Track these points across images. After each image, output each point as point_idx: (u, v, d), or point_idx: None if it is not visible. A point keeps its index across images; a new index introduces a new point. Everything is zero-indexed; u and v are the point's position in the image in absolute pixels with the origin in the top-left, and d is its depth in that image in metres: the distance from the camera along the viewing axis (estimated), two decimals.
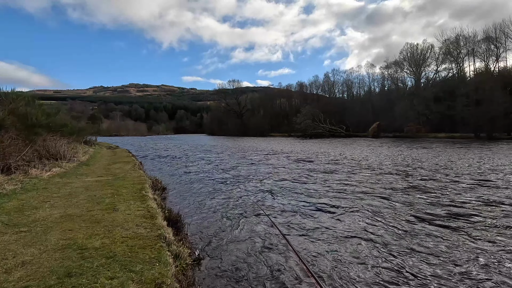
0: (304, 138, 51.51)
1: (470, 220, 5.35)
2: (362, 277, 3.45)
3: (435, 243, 4.36)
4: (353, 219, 5.65)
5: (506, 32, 41.69)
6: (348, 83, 69.70)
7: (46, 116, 13.70)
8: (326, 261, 3.91)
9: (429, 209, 6.08)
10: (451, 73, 48.90)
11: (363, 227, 5.17)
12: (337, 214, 5.97)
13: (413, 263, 3.75)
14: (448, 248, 4.16)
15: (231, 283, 3.44)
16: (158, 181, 9.39)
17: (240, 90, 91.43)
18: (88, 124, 40.58)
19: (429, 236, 4.62)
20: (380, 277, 3.44)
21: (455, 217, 5.54)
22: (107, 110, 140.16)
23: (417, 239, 4.51)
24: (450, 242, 4.37)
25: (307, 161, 15.75)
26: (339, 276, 3.50)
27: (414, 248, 4.18)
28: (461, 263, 3.73)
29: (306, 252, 4.20)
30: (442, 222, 5.28)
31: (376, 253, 4.07)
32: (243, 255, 4.18)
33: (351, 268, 3.68)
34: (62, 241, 3.62)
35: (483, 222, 5.22)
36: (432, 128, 43.26)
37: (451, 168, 11.66)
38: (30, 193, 6.36)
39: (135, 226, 4.25)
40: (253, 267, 3.79)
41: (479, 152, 18.08)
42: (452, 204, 6.45)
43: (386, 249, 4.21)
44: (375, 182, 9.27)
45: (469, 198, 6.92)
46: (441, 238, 4.52)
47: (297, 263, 3.84)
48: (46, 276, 2.74)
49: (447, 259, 3.84)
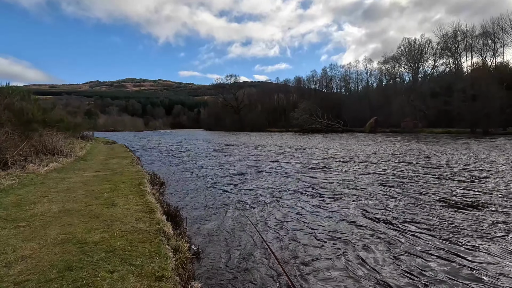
0: (301, 133, 51.56)
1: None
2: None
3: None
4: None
5: (504, 27, 41.87)
6: (346, 78, 69.69)
7: (42, 111, 13.61)
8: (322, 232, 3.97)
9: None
10: (449, 68, 49.12)
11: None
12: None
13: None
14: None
15: (230, 277, 3.48)
16: (157, 176, 9.38)
17: (237, 85, 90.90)
18: (85, 119, 40.23)
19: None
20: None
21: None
22: (103, 105, 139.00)
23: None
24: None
25: (309, 156, 15.82)
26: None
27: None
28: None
29: (300, 244, 4.26)
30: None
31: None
32: (242, 248, 4.22)
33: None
34: (61, 235, 3.63)
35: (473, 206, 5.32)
36: (428, 124, 43.48)
37: (448, 163, 11.78)
38: (27, 188, 6.34)
39: (134, 220, 4.26)
40: (252, 261, 3.84)
41: (468, 147, 18.24)
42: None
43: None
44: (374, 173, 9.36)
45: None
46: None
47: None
48: (46, 270, 2.76)
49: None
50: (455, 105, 39.68)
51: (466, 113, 37.67)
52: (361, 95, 63.16)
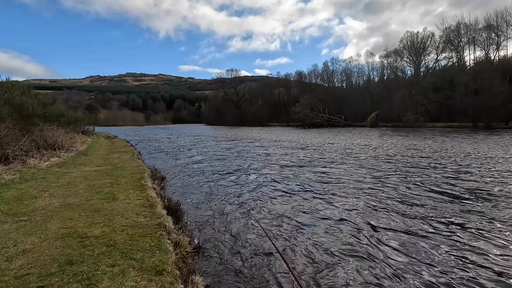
0: (303, 128, 51.43)
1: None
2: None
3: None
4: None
5: (508, 20, 41.24)
6: (347, 72, 69.08)
7: (43, 105, 13.58)
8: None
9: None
10: (451, 62, 48.60)
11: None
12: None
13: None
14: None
15: (232, 270, 3.49)
16: (157, 170, 9.40)
17: (238, 79, 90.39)
18: (85, 114, 40.25)
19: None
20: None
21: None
22: (104, 99, 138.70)
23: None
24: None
25: (307, 149, 15.80)
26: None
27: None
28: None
29: (297, 236, 4.26)
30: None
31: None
32: (244, 242, 4.23)
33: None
34: (62, 229, 3.63)
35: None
36: (430, 118, 43.24)
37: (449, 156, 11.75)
38: (28, 182, 6.35)
39: (134, 215, 4.27)
40: (254, 255, 3.84)
41: (472, 142, 18.17)
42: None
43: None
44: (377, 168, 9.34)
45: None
46: None
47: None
48: (47, 264, 2.76)
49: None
50: (457, 99, 39.40)
51: (468, 107, 37.42)
52: (362, 89, 62.77)
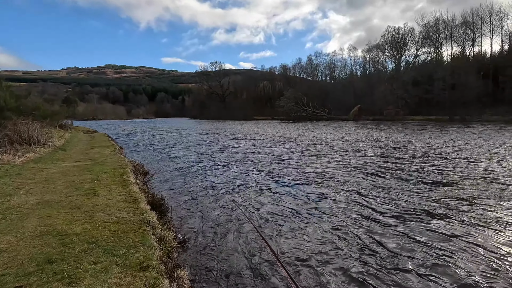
0: (287, 121, 51.73)
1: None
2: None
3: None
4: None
5: (483, 17, 42.93)
6: (331, 66, 69.86)
7: (15, 98, 12.91)
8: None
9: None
10: (430, 57, 50.15)
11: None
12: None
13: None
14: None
15: (216, 265, 3.50)
16: (140, 165, 9.20)
17: (222, 72, 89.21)
18: (63, 107, 38.52)
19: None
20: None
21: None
22: (82, 92, 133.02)
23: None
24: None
25: (290, 143, 15.94)
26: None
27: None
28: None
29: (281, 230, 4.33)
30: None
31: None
32: (227, 235, 4.25)
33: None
34: (40, 227, 3.50)
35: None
36: (410, 111, 44.62)
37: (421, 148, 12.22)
38: (2, 179, 6.05)
39: (117, 211, 4.18)
40: (236, 248, 3.87)
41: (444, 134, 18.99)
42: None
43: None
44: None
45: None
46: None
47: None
48: (24, 263, 2.66)
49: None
50: (435, 93, 40.83)
51: (445, 101, 38.90)
52: (345, 83, 63.71)
